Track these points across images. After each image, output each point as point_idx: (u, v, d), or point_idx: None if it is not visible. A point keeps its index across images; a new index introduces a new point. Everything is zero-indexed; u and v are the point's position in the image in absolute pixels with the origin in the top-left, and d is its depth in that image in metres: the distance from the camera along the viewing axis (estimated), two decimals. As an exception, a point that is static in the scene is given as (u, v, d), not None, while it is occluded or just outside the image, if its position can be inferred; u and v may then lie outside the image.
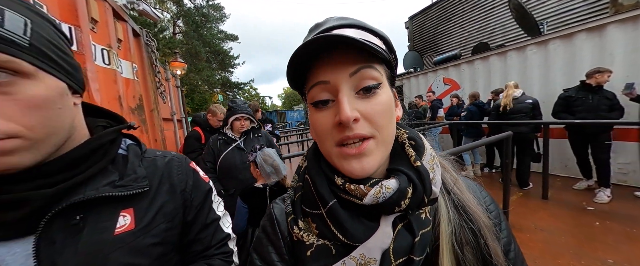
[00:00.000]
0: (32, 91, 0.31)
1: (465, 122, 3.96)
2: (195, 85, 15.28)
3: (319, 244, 0.32)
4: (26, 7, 0.33)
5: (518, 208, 2.71)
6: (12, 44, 0.29)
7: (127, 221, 0.40)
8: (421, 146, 0.36)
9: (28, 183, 0.34)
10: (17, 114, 0.30)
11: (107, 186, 0.39)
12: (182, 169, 0.50)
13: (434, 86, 5.52)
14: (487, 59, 4.42)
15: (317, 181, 0.34)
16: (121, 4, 1.66)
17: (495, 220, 0.37)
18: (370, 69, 0.31)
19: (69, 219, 0.36)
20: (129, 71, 1.59)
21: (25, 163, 0.32)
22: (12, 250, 0.33)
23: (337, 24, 0.33)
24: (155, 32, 10.37)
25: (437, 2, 8.70)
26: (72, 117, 0.38)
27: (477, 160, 4.08)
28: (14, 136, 0.30)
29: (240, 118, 1.76)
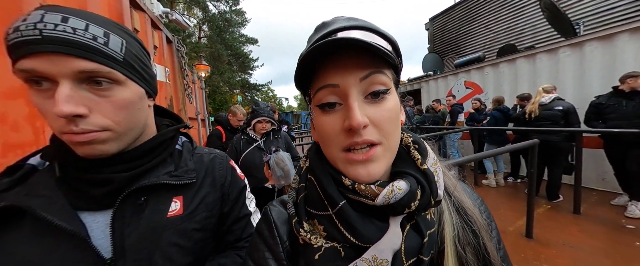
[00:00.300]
0: (122, 95, 0.39)
1: (488, 127, 3.77)
2: (217, 86, 16.06)
3: (327, 246, 0.31)
4: (123, 30, 0.42)
5: (545, 222, 2.53)
6: (112, 59, 0.37)
7: (177, 207, 0.46)
8: (425, 150, 0.36)
9: (112, 167, 0.41)
10: (110, 112, 0.38)
11: (165, 175, 0.46)
12: (223, 166, 0.56)
13: (454, 90, 5.32)
14: (513, 61, 4.19)
15: (324, 181, 0.33)
16: (157, 14, 1.84)
17: (487, 220, 0.39)
18: (380, 75, 0.30)
19: (136, 199, 0.43)
20: (162, 74, 1.76)
21: (113, 151, 0.40)
22: (96, 219, 0.41)
23: (346, 25, 0.31)
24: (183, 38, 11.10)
25: (460, 3, 8.37)
26: (146, 116, 0.46)
27: (500, 168, 3.86)
28: (107, 129, 0.38)
29: (262, 121, 1.88)
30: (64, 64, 0.33)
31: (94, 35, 0.35)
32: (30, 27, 0.32)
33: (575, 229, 2.37)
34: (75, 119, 0.35)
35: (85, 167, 0.40)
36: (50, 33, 0.32)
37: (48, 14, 0.33)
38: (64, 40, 0.33)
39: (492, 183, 3.76)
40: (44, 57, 0.33)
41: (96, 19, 0.37)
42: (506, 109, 3.72)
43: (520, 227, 2.40)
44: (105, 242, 0.40)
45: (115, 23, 0.41)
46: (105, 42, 0.36)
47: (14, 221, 0.37)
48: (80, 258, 0.38)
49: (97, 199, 0.41)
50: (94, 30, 0.36)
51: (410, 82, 7.03)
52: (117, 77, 0.38)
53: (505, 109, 3.73)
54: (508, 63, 4.28)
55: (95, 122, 0.37)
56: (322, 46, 0.28)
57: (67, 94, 0.34)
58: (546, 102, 2.98)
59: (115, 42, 0.38)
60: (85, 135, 0.36)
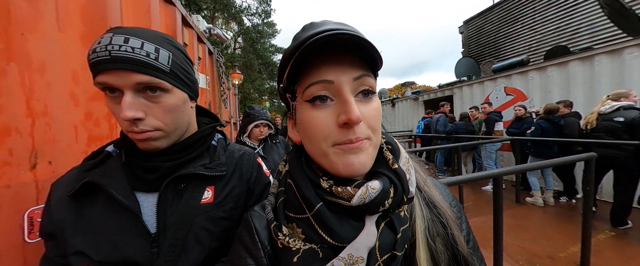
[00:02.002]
0: (169, 101, 0.47)
1: (531, 138, 3.36)
2: (248, 93, 17.17)
3: (305, 249, 0.32)
4: (170, 43, 0.48)
5: (607, 251, 2.15)
6: (161, 71, 0.45)
7: (209, 195, 0.52)
8: (397, 150, 0.38)
9: (161, 157, 0.50)
10: (160, 115, 0.46)
11: (201, 167, 0.52)
12: (250, 162, 0.62)
13: (492, 97, 4.89)
14: (565, 65, 3.72)
15: (302, 185, 0.34)
16: (202, 30, 2.09)
17: (457, 214, 0.42)
18: (369, 78, 0.33)
19: (177, 185, 0.50)
20: (203, 82, 1.98)
21: (163, 146, 0.49)
22: (147, 199, 0.49)
23: (336, 28, 0.31)
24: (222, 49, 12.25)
25: (500, 3, 7.77)
26: (189, 117, 0.54)
27: (550, 186, 3.38)
28: (158, 129, 0.46)
29: (259, 125, 1.75)
30: (127, 77, 0.41)
31: (147, 52, 0.43)
32: (102, 49, 0.40)
33: (649, 263, 1.97)
34: (136, 122, 0.43)
35: (142, 156, 0.49)
36: (116, 53, 0.40)
37: (115, 36, 0.41)
38: (126, 59, 0.41)
39: (539, 201, 3.32)
40: (113, 73, 0.41)
41: (149, 36, 0.44)
42: (557, 119, 3.27)
43: (573, 255, 2.07)
44: (152, 219, 0.47)
45: (164, 37, 0.48)
46: (156, 57, 0.44)
47: (94, 194, 0.47)
48: (133, 230, 0.46)
49: (149, 183, 0.49)
50: (148, 48, 0.43)
51: (441, 89, 6.64)
52: (165, 86, 0.45)
53: (556, 119, 3.28)
54: (558, 66, 3.81)
55: (150, 123, 0.44)
56: (322, 40, 0.28)
57: (129, 102, 0.42)
58: (606, 111, 2.57)
59: (163, 56, 0.45)
60: (143, 134, 0.44)
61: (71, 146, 0.75)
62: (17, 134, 0.63)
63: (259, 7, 16.98)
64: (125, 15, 1.03)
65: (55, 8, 0.73)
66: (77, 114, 0.76)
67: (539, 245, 2.33)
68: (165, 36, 0.49)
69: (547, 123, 3.28)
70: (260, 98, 19.07)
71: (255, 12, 16.99)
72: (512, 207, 3.30)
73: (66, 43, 0.75)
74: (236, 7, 15.80)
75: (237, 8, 15.85)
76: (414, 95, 7.76)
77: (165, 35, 0.49)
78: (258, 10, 17.01)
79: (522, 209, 3.24)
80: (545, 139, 3.20)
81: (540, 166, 2.40)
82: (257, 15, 17.29)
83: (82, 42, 0.79)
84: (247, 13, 16.73)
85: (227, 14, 15.44)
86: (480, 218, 2.90)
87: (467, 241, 0.40)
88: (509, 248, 2.25)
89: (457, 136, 4.42)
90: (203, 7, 11.49)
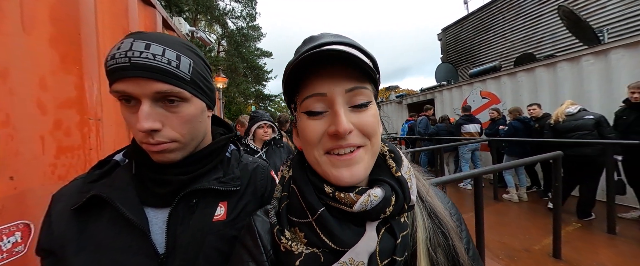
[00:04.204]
0: (188, 110, 0.43)
1: (507, 138, 3.61)
2: (233, 97, 16.76)
3: (307, 252, 0.32)
4: (192, 50, 0.45)
5: (575, 242, 2.33)
6: (182, 80, 0.41)
7: (222, 212, 0.48)
8: (400, 158, 0.39)
9: (174, 170, 0.45)
10: (178, 126, 0.42)
11: (215, 181, 0.48)
12: (264, 176, 0.57)
13: (469, 100, 5.19)
14: (532, 71, 4.05)
15: (305, 190, 0.35)
16: (185, 33, 2.02)
17: (457, 223, 0.41)
18: (363, 89, 0.33)
19: (189, 201, 0.45)
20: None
21: (178, 158, 0.45)
22: (157, 215, 0.45)
23: (333, 40, 0.33)
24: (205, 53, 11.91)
25: (474, 12, 8.33)
26: (206, 127, 0.50)
27: (523, 183, 3.63)
28: (175, 140, 0.42)
29: (263, 126, 1.76)
30: (146, 86, 0.38)
31: (169, 59, 0.40)
32: (122, 55, 0.37)
33: (610, 252, 2.16)
34: (152, 133, 0.40)
35: (154, 168, 0.45)
36: (137, 60, 0.37)
37: (136, 42, 0.38)
38: (147, 66, 0.38)
39: (514, 197, 3.55)
40: (132, 81, 0.38)
41: (171, 43, 0.41)
42: (527, 120, 3.56)
43: (546, 246, 2.23)
44: (161, 238, 0.43)
45: (186, 44, 0.45)
46: (177, 65, 0.41)
47: (99, 208, 0.42)
48: (140, 250, 0.41)
49: (160, 197, 0.45)
50: (169, 55, 0.40)
51: (423, 92, 6.94)
52: (185, 95, 0.42)
53: (527, 119, 3.57)
54: (526, 72, 4.14)
55: (167, 135, 0.41)
56: (313, 56, 0.30)
57: (147, 112, 0.39)
58: (574, 112, 2.83)
59: (184, 64, 0.42)
60: (159, 146, 0.41)
61: (37, 158, 0.68)
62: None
63: (243, 10, 16.78)
64: (100, 17, 0.97)
65: (19, 7, 0.67)
66: (44, 123, 0.70)
67: (516, 239, 2.48)
68: (186, 43, 0.46)
69: (519, 123, 3.55)
70: (245, 102, 18.68)
71: (239, 15, 16.76)
72: (491, 204, 3.49)
73: (32, 46, 0.69)
74: (219, 10, 15.48)
75: (220, 11, 15.54)
76: (398, 99, 8.02)
77: (187, 42, 0.47)
78: (243, 13, 16.80)
79: (499, 206, 3.44)
80: (521, 139, 3.44)
81: (515, 165, 2.57)
82: (242, 19, 17.05)
83: (51, 45, 0.73)
84: (231, 16, 16.44)
85: (210, 16, 15.07)
86: (463, 216, 3.03)
87: (467, 250, 0.40)
88: (490, 244, 2.36)
89: (439, 138, 4.62)
90: (184, 9, 11.14)
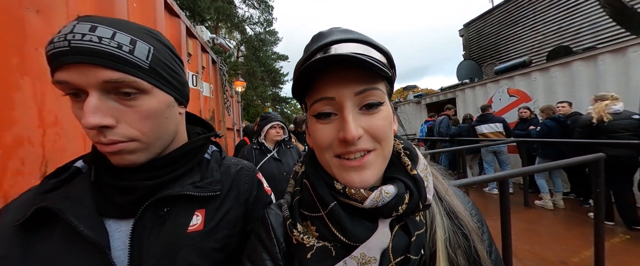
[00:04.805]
0: (148, 104, 0.37)
1: (539, 140, 3.31)
2: (251, 100, 17.39)
3: (319, 246, 0.32)
4: (153, 36, 0.40)
5: (621, 255, 2.07)
6: (137, 68, 0.36)
7: (198, 221, 0.42)
8: (415, 156, 0.38)
9: (139, 175, 0.40)
10: (136, 122, 0.36)
11: (190, 186, 0.42)
12: (249, 179, 0.52)
13: (495, 98, 4.86)
14: (568, 65, 3.69)
15: (317, 184, 0.35)
16: (206, 40, 2.15)
17: (478, 224, 0.40)
18: (374, 91, 0.32)
19: (159, 210, 0.40)
20: (207, 90, 2.02)
21: (141, 160, 0.39)
22: (120, 227, 0.39)
23: (342, 37, 0.33)
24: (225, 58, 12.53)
25: (500, 5, 7.81)
26: (176, 124, 0.44)
27: (558, 188, 3.30)
28: (134, 139, 0.37)
29: (275, 126, 1.83)
30: (91, 74, 0.33)
31: (119, 43, 0.34)
32: (61, 38, 0.32)
33: (668, 268, 1.89)
34: (103, 130, 0.34)
35: (116, 173, 0.39)
36: (77, 43, 0.32)
37: (79, 24, 0.33)
38: (89, 50, 0.32)
39: (548, 204, 3.24)
40: (73, 69, 0.32)
41: (125, 27, 0.36)
42: (563, 119, 3.24)
43: (586, 259, 2.01)
44: (123, 254, 0.37)
45: (147, 29, 0.40)
46: (130, 50, 0.35)
47: (49, 222, 0.36)
48: None
49: (122, 207, 0.39)
50: (121, 39, 0.34)
51: (444, 91, 6.63)
52: (142, 86, 0.36)
53: (562, 118, 3.25)
54: (561, 67, 3.78)
55: (122, 132, 0.36)
56: (320, 61, 0.29)
57: (94, 105, 0.33)
58: (620, 110, 2.53)
59: (141, 50, 0.36)
60: (113, 146, 0.35)
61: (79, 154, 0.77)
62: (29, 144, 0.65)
63: (260, 16, 17.39)
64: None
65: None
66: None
67: (550, 249, 2.26)
68: (147, 29, 0.40)
69: (553, 122, 3.23)
70: (263, 105, 19.27)
71: (257, 21, 17.39)
72: (521, 210, 3.23)
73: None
74: (239, 17, 16.20)
75: (239, 18, 16.25)
76: (416, 98, 7.75)
77: (150, 29, 0.41)
78: (260, 19, 17.42)
79: (531, 213, 3.16)
80: (551, 140, 3.15)
81: (545, 168, 2.35)
82: (259, 24, 17.68)
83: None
84: (249, 22, 17.13)
85: (230, 23, 15.81)
86: (489, 222, 2.83)
87: (490, 253, 0.39)
88: (519, 254, 2.18)
89: (461, 139, 4.37)
90: (207, 17, 11.81)
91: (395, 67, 0.37)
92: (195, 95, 1.73)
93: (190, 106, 1.67)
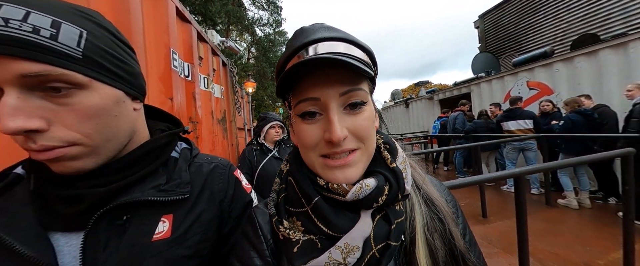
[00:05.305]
0: (87, 101, 0.31)
1: (561, 135, 3.10)
2: (262, 100, 17.76)
3: (304, 239, 0.33)
4: (84, 17, 0.32)
5: (658, 258, 1.91)
6: (65, 57, 0.29)
7: (165, 228, 0.38)
8: (395, 150, 0.39)
9: (89, 181, 0.34)
10: (74, 123, 0.30)
11: (153, 190, 0.38)
12: (223, 178, 0.47)
13: (513, 92, 4.61)
14: (595, 54, 3.43)
15: (301, 181, 0.36)
16: (216, 43, 2.22)
17: (453, 209, 0.43)
18: (358, 91, 0.33)
19: (116, 219, 0.35)
20: (218, 92, 2.10)
21: (90, 166, 0.33)
22: (69, 241, 0.34)
23: (325, 35, 0.33)
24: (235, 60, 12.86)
25: (517, -6, 7.38)
26: (131, 122, 0.38)
27: (584, 186, 3.09)
28: (75, 143, 0.31)
29: (275, 126, 1.87)
30: (2, 67, 0.27)
31: (34, 26, 0.27)
32: None
33: None
34: (32, 135, 0.29)
35: (58, 181, 0.34)
36: None
37: None
38: None
39: (573, 203, 3.04)
40: None
41: (44, 5, 0.29)
42: (590, 112, 3.01)
43: (614, 262, 1.88)
44: None
45: (78, 8, 0.32)
46: (52, 35, 0.28)
47: None
48: None
49: (71, 219, 0.34)
50: (36, 20, 0.27)
51: (457, 86, 6.39)
52: (75, 79, 0.30)
53: (589, 111, 3.01)
54: (587, 56, 3.52)
55: (58, 136, 0.30)
56: (306, 63, 0.30)
57: (12, 106, 0.27)
58: None
59: (68, 34, 0.29)
60: (48, 153, 0.30)
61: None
62: None
63: (270, 18, 17.62)
64: (147, 31, 1.14)
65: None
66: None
67: (574, 250, 2.13)
68: (78, 8, 0.33)
69: (578, 116, 3.00)
70: (273, 105, 19.59)
71: (266, 22, 17.65)
72: (543, 210, 3.06)
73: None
74: (249, 19, 16.52)
75: (249, 20, 16.57)
76: (428, 94, 7.53)
77: (82, 7, 0.34)
78: (269, 20, 17.66)
79: (553, 212, 2.99)
80: (573, 135, 2.94)
81: (566, 164, 2.21)
82: (269, 25, 17.93)
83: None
84: (259, 24, 17.43)
85: (241, 26, 16.17)
86: (506, 222, 2.72)
87: (464, 236, 0.41)
88: (539, 254, 2.08)
89: (476, 135, 4.20)
90: (218, 21, 12.15)
91: (377, 65, 0.38)
92: (207, 97, 1.80)
93: (203, 107, 1.75)
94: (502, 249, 2.24)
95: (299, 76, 0.33)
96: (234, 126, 2.42)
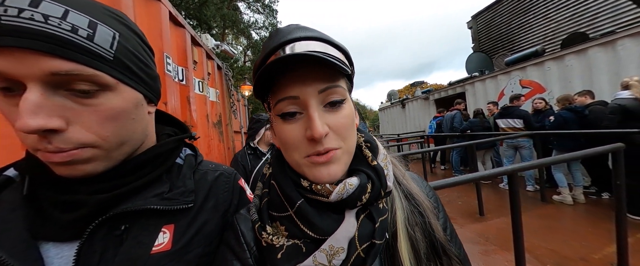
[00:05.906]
0: (110, 103, 0.30)
1: (554, 132, 3.16)
2: (258, 103, 17.70)
3: (288, 244, 0.32)
4: (116, 18, 0.32)
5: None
6: (98, 58, 0.29)
7: (165, 240, 0.35)
8: (376, 148, 0.40)
9: (91, 186, 0.32)
10: (95, 124, 0.29)
11: (155, 198, 0.35)
12: (228, 187, 0.46)
13: (507, 90, 4.69)
14: (584, 52, 3.51)
15: (284, 184, 0.35)
16: (211, 47, 2.23)
17: (434, 204, 0.44)
18: (336, 88, 0.33)
19: (114, 228, 0.33)
20: (213, 95, 2.09)
21: (99, 170, 0.32)
22: (62, 252, 0.31)
23: (301, 35, 0.32)
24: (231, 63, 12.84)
25: (508, -6, 7.53)
26: (144, 126, 0.37)
27: (578, 182, 3.14)
28: (91, 146, 0.30)
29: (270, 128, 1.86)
30: (32, 63, 0.25)
31: (73, 25, 0.27)
32: None
33: (702, 264, 1.75)
34: (48, 135, 0.27)
35: (58, 185, 0.32)
36: (10, 21, 0.24)
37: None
38: (30, 32, 0.25)
39: (567, 198, 3.09)
40: (7, 54, 0.25)
41: (82, 5, 0.28)
42: (580, 109, 3.07)
43: (609, 256, 1.90)
44: None
45: (112, 10, 0.33)
46: (89, 36, 0.28)
47: None
48: None
49: (66, 227, 0.31)
50: (75, 19, 0.27)
51: (452, 86, 6.46)
52: (104, 80, 0.29)
53: (580, 108, 3.08)
54: (577, 54, 3.60)
55: (76, 138, 0.28)
56: (282, 60, 0.29)
57: (35, 103, 0.26)
58: None
59: (103, 36, 0.29)
60: (62, 154, 0.28)
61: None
62: None
63: (265, 21, 17.64)
64: None
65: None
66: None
67: (569, 246, 2.16)
68: (112, 10, 0.33)
69: (569, 113, 3.07)
70: (271, 107, 19.61)
71: (262, 25, 17.67)
72: (538, 206, 3.09)
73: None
74: (244, 23, 16.53)
75: (245, 23, 16.58)
76: (424, 94, 7.60)
77: (115, 10, 0.34)
78: (265, 23, 17.68)
79: (548, 208, 3.03)
80: (566, 132, 3.00)
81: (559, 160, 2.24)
82: (265, 29, 17.96)
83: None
84: (254, 27, 17.44)
85: (237, 29, 16.16)
86: (503, 220, 2.75)
87: (445, 229, 0.42)
88: (535, 251, 2.10)
89: (472, 134, 4.25)
90: (213, 25, 12.15)
91: (353, 64, 0.38)
92: (202, 100, 1.80)
93: (199, 110, 1.75)
94: (499, 246, 2.26)
95: (276, 76, 0.32)
96: (230, 129, 2.41)
